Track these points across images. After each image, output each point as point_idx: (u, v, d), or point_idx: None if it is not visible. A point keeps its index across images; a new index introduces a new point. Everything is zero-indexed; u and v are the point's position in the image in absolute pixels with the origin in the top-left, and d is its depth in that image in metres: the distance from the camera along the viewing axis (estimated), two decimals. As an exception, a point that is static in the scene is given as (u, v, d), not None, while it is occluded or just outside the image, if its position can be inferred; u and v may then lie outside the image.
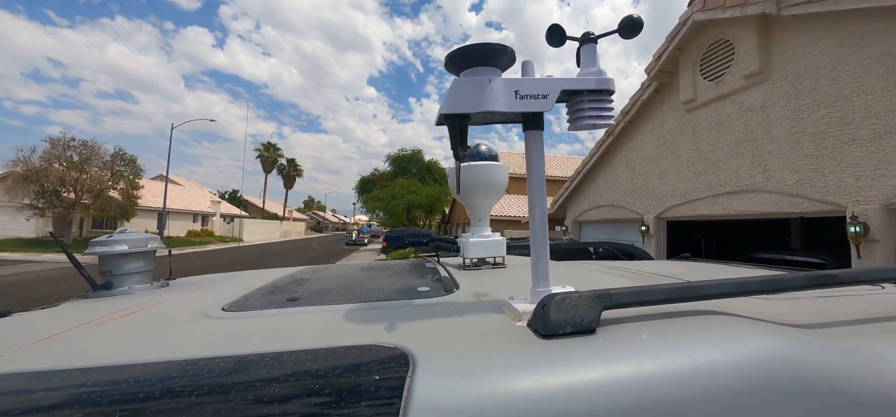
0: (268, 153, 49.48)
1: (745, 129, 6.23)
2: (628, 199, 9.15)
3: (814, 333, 0.61)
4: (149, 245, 1.19)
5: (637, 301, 0.62)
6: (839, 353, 0.55)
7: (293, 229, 52.06)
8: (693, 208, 7.24)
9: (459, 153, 0.70)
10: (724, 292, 0.66)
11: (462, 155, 0.70)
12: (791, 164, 5.44)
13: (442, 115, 0.67)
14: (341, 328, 0.66)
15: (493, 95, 0.66)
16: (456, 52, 0.68)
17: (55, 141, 20.46)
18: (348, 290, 0.96)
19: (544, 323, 0.58)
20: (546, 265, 0.72)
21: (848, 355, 0.56)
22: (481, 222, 1.34)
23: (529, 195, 0.73)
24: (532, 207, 0.73)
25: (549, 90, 0.69)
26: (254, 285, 1.13)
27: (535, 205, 0.72)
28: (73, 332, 0.69)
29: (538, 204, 0.73)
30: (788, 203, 5.46)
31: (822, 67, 5.12)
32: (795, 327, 0.63)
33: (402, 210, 27.80)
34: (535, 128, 0.73)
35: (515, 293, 0.82)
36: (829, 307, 0.77)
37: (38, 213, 19.93)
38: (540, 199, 0.73)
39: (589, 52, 0.74)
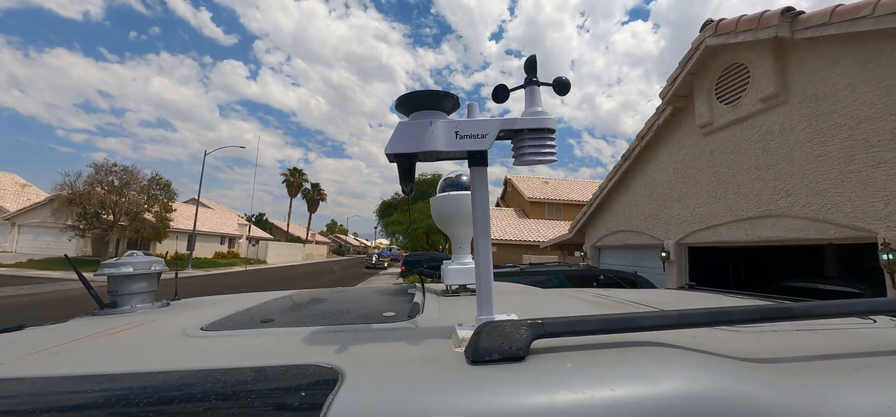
0: (293, 178, 51.16)
1: (764, 153, 6.05)
2: (647, 224, 8.94)
3: (755, 368, 0.60)
4: (153, 267, 1.30)
5: (571, 330, 0.64)
6: (780, 392, 0.53)
7: (315, 252, 53.05)
8: (715, 234, 7.00)
9: (404, 188, 0.77)
10: (661, 324, 0.67)
11: (407, 190, 0.77)
12: (815, 189, 5.23)
13: (388, 154, 0.74)
14: (296, 348, 0.72)
15: (433, 136, 0.73)
16: (403, 97, 0.76)
17: (99, 166, 21.92)
18: (321, 314, 1.02)
19: (474, 349, 0.61)
20: (489, 293, 0.76)
21: (791, 393, 0.53)
22: (462, 249, 1.39)
23: (474, 228, 0.79)
24: (477, 239, 0.78)
25: (488, 130, 0.75)
26: (245, 307, 1.21)
27: (479, 236, 0.78)
28: (66, 346, 0.78)
29: (482, 235, 0.78)
30: (815, 228, 5.22)
31: (842, 89, 4.98)
32: (735, 360, 0.62)
33: (422, 234, 27.99)
34: (478, 164, 0.79)
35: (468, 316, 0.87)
36: (793, 341, 0.76)
37: (79, 234, 21.18)
38: (483, 231, 0.78)
39: (531, 94, 0.81)
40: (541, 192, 26.18)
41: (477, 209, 0.78)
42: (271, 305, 1.23)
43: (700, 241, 7.40)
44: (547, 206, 25.43)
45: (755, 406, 0.52)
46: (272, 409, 0.53)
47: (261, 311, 1.10)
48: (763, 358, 0.65)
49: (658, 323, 0.67)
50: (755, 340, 0.78)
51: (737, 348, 0.72)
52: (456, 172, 1.44)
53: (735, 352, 0.66)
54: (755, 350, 0.71)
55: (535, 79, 0.81)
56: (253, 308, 1.18)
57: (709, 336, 0.78)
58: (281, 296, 1.43)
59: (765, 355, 0.67)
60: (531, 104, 0.80)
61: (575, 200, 25.35)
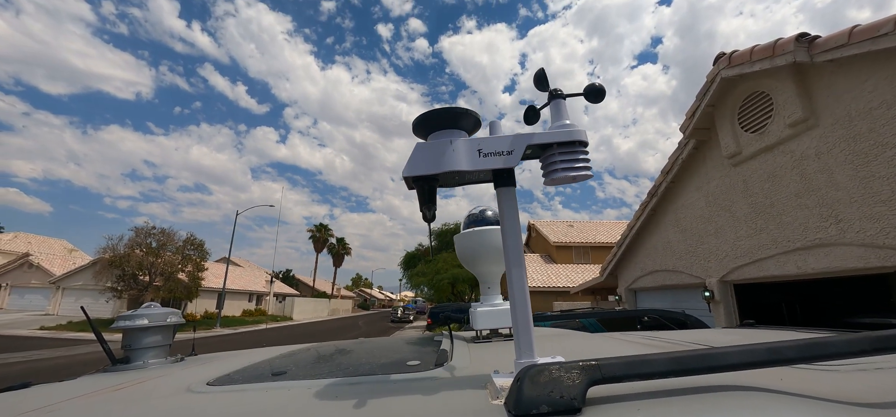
0: (319, 233, 52.31)
1: (803, 179, 5.73)
2: (684, 262, 8.46)
3: (874, 413, 0.48)
4: (168, 319, 1.25)
5: (634, 373, 0.52)
6: None
7: (341, 307, 52.91)
8: (761, 268, 6.52)
9: (426, 214, 0.70)
10: (749, 361, 0.54)
11: (428, 216, 0.70)
12: (867, 212, 4.84)
13: (406, 178, 0.68)
14: (307, 404, 0.63)
15: (454, 156, 0.66)
16: (420, 117, 0.71)
17: (139, 229, 23.10)
18: (338, 366, 0.93)
19: (517, 400, 0.50)
20: (529, 331, 0.66)
21: None
22: (491, 290, 1.29)
23: (506, 256, 0.70)
24: (509, 268, 0.69)
25: (514, 146, 0.69)
26: (258, 360, 1.13)
27: (512, 265, 0.69)
28: (66, 403, 0.72)
29: (516, 265, 0.69)
30: (876, 256, 4.77)
31: (877, 107, 4.73)
32: (851, 405, 0.50)
33: (447, 284, 27.48)
34: (506, 184, 0.72)
35: (507, 364, 0.75)
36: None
37: (117, 295, 21.95)
38: (517, 260, 0.69)
39: (557, 108, 0.74)
40: (566, 236, 25.58)
41: (508, 235, 0.69)
42: (286, 358, 1.15)
43: (746, 278, 6.89)
44: (574, 250, 24.73)
45: None
46: None
47: (274, 364, 1.02)
48: (877, 403, 0.51)
49: (742, 360, 0.54)
50: (858, 379, 0.64)
51: (840, 390, 0.58)
52: (480, 207, 1.37)
53: (840, 396, 0.53)
54: (863, 391, 0.57)
55: (559, 91, 0.75)
56: (266, 361, 1.10)
57: (799, 376, 0.64)
58: (298, 349, 1.35)
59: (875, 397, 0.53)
60: (558, 117, 0.73)
61: (602, 242, 24.59)
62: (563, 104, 0.75)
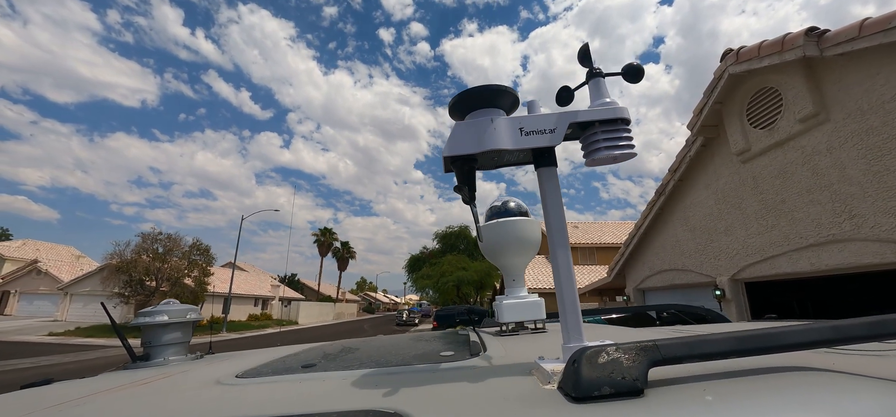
0: (324, 237, 52.42)
1: (814, 175, 5.65)
2: (694, 261, 8.37)
3: None
4: (188, 316, 1.23)
5: (695, 354, 0.50)
6: None
7: (346, 311, 52.94)
8: (773, 266, 6.44)
9: (465, 197, 0.67)
10: (813, 339, 0.51)
11: (467, 199, 0.67)
12: (883, 207, 4.76)
13: (446, 158, 0.66)
14: (346, 393, 0.61)
15: (496, 134, 0.64)
16: (457, 97, 0.68)
17: (146, 235, 23.24)
18: (368, 357, 0.91)
19: (575, 383, 0.48)
20: (576, 314, 0.63)
21: None
22: (516, 282, 1.26)
23: (549, 237, 0.67)
24: (554, 250, 0.66)
25: (557, 124, 0.66)
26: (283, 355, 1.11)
27: (556, 248, 0.66)
28: (91, 397, 0.70)
29: (560, 246, 0.66)
30: (892, 251, 4.69)
31: (889, 100, 4.66)
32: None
33: (452, 287, 27.40)
34: (547, 164, 0.69)
35: (547, 352, 0.73)
36: None
37: (124, 301, 22.08)
38: (562, 241, 0.67)
39: (597, 86, 0.72)
40: (571, 237, 25.35)
41: (551, 216, 0.67)
42: (313, 352, 1.12)
43: (757, 276, 6.80)
44: (579, 251, 24.60)
45: None
46: None
47: (301, 358, 0.99)
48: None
49: (806, 339, 0.51)
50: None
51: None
52: (502, 199, 1.34)
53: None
54: None
55: (598, 69, 0.73)
56: (292, 355, 1.08)
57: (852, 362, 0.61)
58: (321, 345, 1.33)
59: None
60: (598, 95, 0.71)
61: (607, 243, 24.46)
62: (603, 82, 0.72)
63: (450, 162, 0.67)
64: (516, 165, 0.74)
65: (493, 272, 28.11)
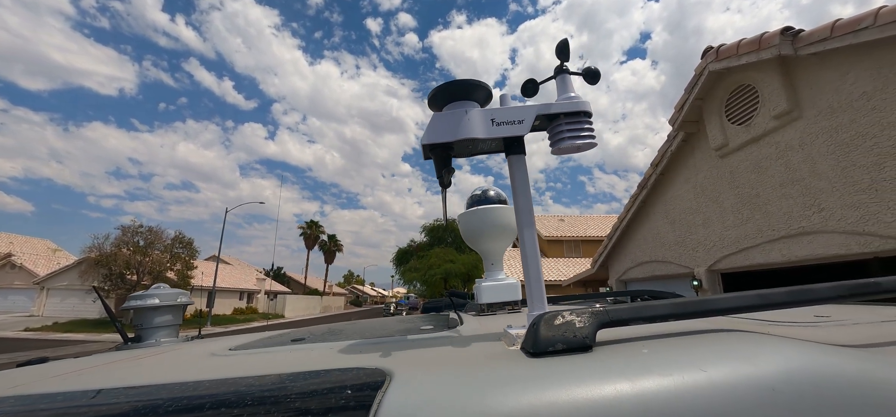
0: (310, 230, 51.97)
1: (787, 169, 5.89)
2: (674, 253, 8.64)
3: (856, 352, 0.52)
4: (179, 299, 1.27)
5: (640, 316, 0.58)
6: (889, 369, 0.47)
7: (333, 304, 52.73)
8: (748, 257, 6.70)
9: (444, 178, 0.73)
10: (741, 305, 0.60)
11: (447, 180, 0.74)
12: (848, 201, 5.01)
13: (424, 146, 0.72)
14: (333, 358, 0.67)
15: (470, 124, 0.70)
16: (435, 90, 0.75)
17: (126, 228, 22.72)
18: (354, 332, 0.97)
19: (534, 340, 0.55)
20: (540, 285, 0.71)
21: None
22: (494, 266, 1.33)
23: (517, 218, 0.74)
24: (521, 230, 0.74)
25: (525, 116, 0.73)
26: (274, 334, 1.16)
27: (523, 226, 0.73)
28: (89, 369, 0.75)
29: (527, 226, 0.74)
30: (856, 242, 4.94)
31: (857, 98, 4.89)
32: (835, 346, 0.55)
33: (440, 279, 27.60)
34: (517, 152, 0.76)
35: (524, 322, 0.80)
36: (882, 331, 0.68)
37: (104, 295, 21.61)
38: (528, 222, 0.74)
39: (564, 82, 0.79)
40: (557, 230, 25.84)
41: (519, 198, 0.74)
42: (301, 331, 1.18)
43: (733, 266, 7.07)
44: (565, 244, 25.00)
45: (867, 384, 0.45)
46: (316, 410, 0.47)
47: (291, 334, 1.05)
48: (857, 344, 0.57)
49: (735, 304, 0.60)
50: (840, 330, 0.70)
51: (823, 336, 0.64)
52: (481, 188, 1.41)
53: (824, 339, 0.58)
54: (844, 338, 0.63)
55: (566, 67, 0.80)
56: (282, 333, 1.13)
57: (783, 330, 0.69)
58: (309, 327, 1.38)
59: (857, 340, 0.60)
60: (564, 90, 0.78)
61: (592, 236, 24.90)
62: (570, 79, 0.79)
63: (428, 149, 0.73)
64: (489, 153, 0.81)
65: (480, 264, 28.32)
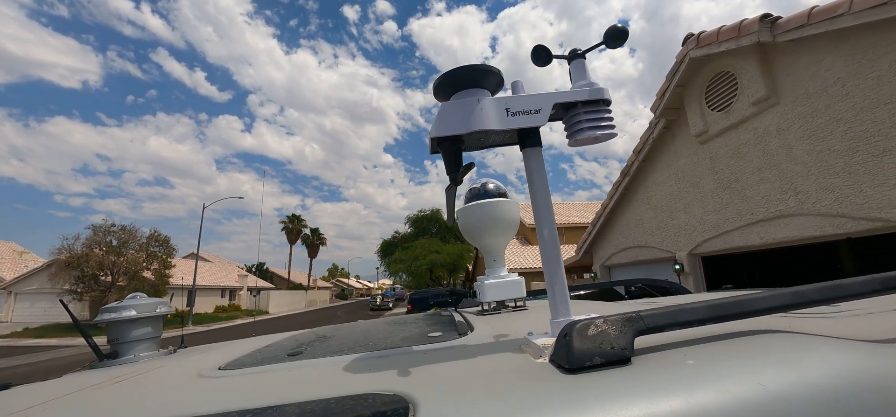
0: (292, 225, 51.05)
1: (765, 155, 6.05)
2: (656, 238, 8.82)
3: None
4: (158, 309, 1.18)
5: (676, 322, 0.54)
6: None
7: (318, 298, 52.17)
8: (727, 240, 6.88)
9: (453, 178, 0.67)
10: (776, 304, 0.57)
11: (458, 179, 0.68)
12: (823, 184, 5.18)
13: (433, 139, 0.65)
14: (340, 378, 0.60)
15: (483, 115, 0.64)
16: (442, 77, 0.68)
17: (97, 228, 21.78)
18: (354, 341, 0.90)
19: (567, 354, 0.50)
20: (564, 290, 0.65)
21: None
22: (496, 263, 1.28)
23: (536, 215, 0.69)
24: (540, 228, 0.68)
25: (542, 105, 0.67)
26: (265, 344, 1.08)
27: (542, 225, 0.67)
28: (60, 400, 0.66)
29: (546, 223, 0.68)
30: (831, 224, 5.13)
31: (832, 84, 5.03)
32: (875, 343, 0.52)
33: (425, 270, 27.57)
34: (533, 144, 0.70)
35: (535, 327, 0.75)
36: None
37: (77, 297, 20.74)
38: (547, 218, 0.68)
39: (578, 67, 0.73)
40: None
41: (538, 194, 0.68)
42: (294, 341, 1.10)
43: (713, 250, 7.26)
44: (548, 230, 25.32)
45: None
46: None
47: (284, 346, 0.97)
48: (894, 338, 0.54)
49: (771, 304, 0.56)
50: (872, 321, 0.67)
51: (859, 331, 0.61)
52: (480, 181, 1.35)
53: (864, 335, 0.55)
54: (880, 332, 0.60)
55: (578, 49, 0.74)
56: (274, 344, 1.06)
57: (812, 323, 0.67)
58: (302, 333, 1.30)
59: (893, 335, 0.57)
60: (581, 76, 0.72)
61: (575, 223, 25.26)
62: (585, 63, 0.73)
63: (436, 143, 0.66)
64: (501, 146, 0.75)
65: (465, 254, 28.41)
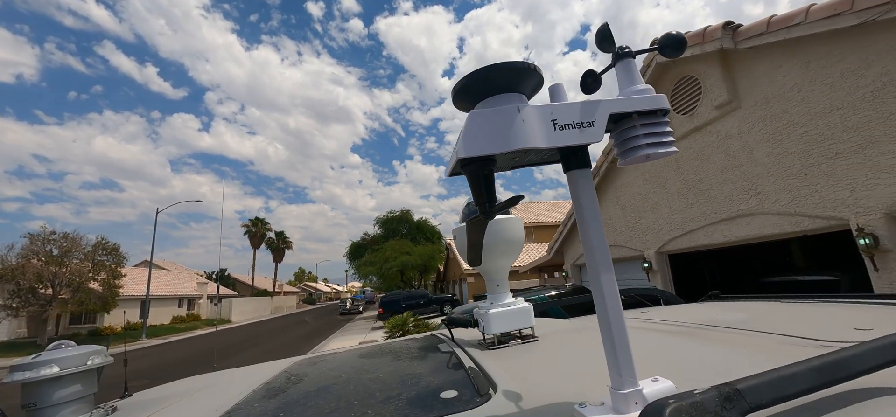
0: (256, 228, 48.94)
1: (727, 157, 6.30)
2: (624, 237, 9.04)
3: None
4: (90, 361, 0.95)
5: (781, 395, 0.43)
6: None
7: (285, 304, 50.30)
8: (693, 239, 7.14)
9: (488, 208, 0.52)
10: (886, 360, 0.47)
11: (491, 210, 0.52)
12: (782, 184, 5.45)
13: (461, 160, 0.50)
14: None
15: (526, 128, 0.49)
16: (468, 79, 0.52)
17: (35, 236, 19.84)
18: (345, 401, 0.73)
19: None
20: (628, 351, 0.52)
21: None
22: (500, 287, 1.14)
23: (589, 256, 0.54)
24: (596, 274, 0.54)
25: (595, 116, 0.53)
26: (227, 397, 0.88)
27: (600, 272, 0.53)
28: None
29: (604, 269, 0.53)
30: (789, 222, 5.39)
31: (789, 90, 5.30)
32: None
33: (396, 272, 27.18)
34: (581, 166, 0.56)
35: (570, 383, 0.61)
36: None
37: (12, 314, 18.81)
38: (605, 263, 0.54)
39: (627, 69, 0.60)
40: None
41: (590, 229, 0.54)
42: (268, 393, 0.91)
43: (679, 248, 7.52)
44: (519, 230, 25.62)
45: None
46: None
47: (256, 408, 0.78)
48: None
49: (880, 360, 0.47)
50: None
51: None
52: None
53: None
54: None
55: (626, 48, 0.61)
56: (244, 403, 0.86)
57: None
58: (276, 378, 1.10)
59: None
60: (631, 81, 0.59)
61: (543, 222, 25.72)
62: (634, 64, 0.60)
63: (461, 165, 0.51)
64: (537, 165, 0.61)
65: (436, 255, 28.24)
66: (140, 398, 1.19)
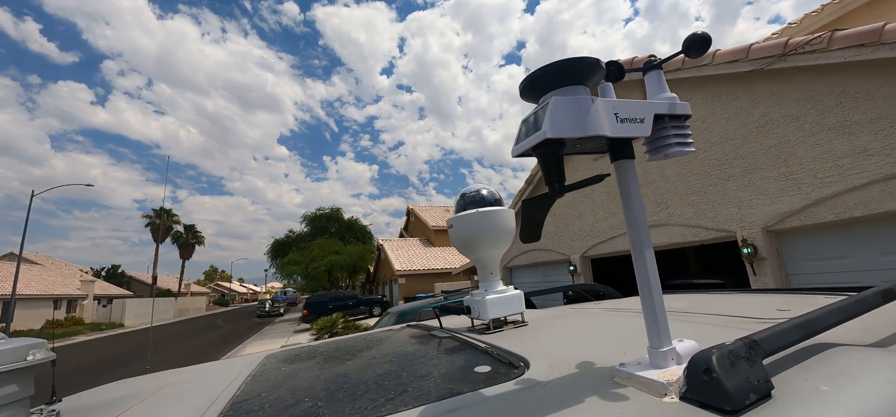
0: (160, 220, 43.42)
1: (644, 173, 7.13)
2: (554, 242, 9.71)
3: None
4: (30, 356, 0.80)
5: (783, 344, 0.53)
6: None
7: (192, 305, 45.25)
8: (613, 245, 7.91)
9: (557, 186, 0.56)
10: (837, 320, 0.60)
11: (558, 190, 0.56)
12: (686, 200, 6.30)
13: (545, 140, 0.52)
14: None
15: (597, 117, 0.54)
16: (543, 69, 0.55)
17: None
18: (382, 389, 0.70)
19: (721, 393, 0.44)
20: (665, 316, 0.58)
21: None
22: (493, 276, 1.18)
23: (633, 236, 0.61)
24: (639, 252, 0.60)
25: (645, 114, 0.60)
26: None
27: (643, 249, 0.60)
28: None
29: (646, 247, 0.61)
30: (691, 233, 6.25)
31: (696, 120, 6.17)
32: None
33: (324, 272, 25.98)
34: (628, 156, 0.62)
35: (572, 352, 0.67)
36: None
37: None
38: (647, 241, 0.61)
39: (656, 78, 0.68)
40: (443, 220, 26.82)
41: (635, 213, 0.60)
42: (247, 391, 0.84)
43: (601, 253, 8.28)
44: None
45: None
46: None
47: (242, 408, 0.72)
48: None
49: (842, 317, 0.60)
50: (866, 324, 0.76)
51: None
52: (474, 187, 1.23)
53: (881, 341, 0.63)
54: (878, 331, 0.69)
55: (655, 59, 0.69)
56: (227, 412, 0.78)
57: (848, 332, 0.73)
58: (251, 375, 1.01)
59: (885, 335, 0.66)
60: (661, 88, 0.67)
61: (477, 225, 26.60)
62: (662, 75, 0.68)
63: (542, 145, 0.54)
64: (586, 154, 0.66)
65: (367, 255, 27.52)
66: (71, 404, 1.02)
